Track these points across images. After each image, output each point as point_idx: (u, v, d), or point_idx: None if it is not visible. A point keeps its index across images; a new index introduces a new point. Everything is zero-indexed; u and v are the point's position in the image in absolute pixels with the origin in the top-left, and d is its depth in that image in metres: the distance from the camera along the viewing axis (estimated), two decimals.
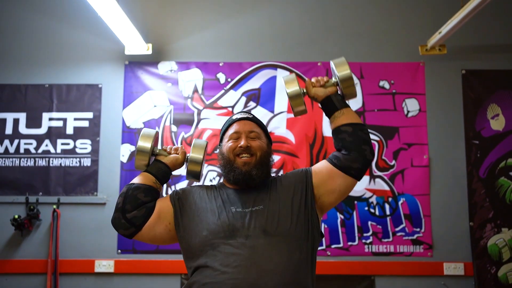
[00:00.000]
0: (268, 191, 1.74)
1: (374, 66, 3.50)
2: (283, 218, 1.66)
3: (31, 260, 3.32)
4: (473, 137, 3.42)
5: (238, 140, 1.78)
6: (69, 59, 3.55)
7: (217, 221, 1.66)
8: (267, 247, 1.59)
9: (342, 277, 3.30)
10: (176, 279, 3.31)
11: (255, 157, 1.76)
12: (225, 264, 1.57)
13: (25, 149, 3.45)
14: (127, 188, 1.73)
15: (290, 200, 1.71)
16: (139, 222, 1.69)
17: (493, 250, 3.31)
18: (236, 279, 1.55)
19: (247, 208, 1.69)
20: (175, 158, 1.82)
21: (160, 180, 1.78)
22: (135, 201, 1.69)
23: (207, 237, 1.64)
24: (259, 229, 1.62)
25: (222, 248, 1.60)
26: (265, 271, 1.55)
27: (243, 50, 3.57)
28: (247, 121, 1.84)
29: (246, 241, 1.60)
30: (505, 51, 3.52)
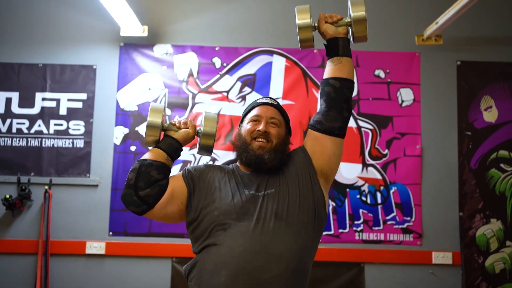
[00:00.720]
0: (279, 174, 1.75)
1: (370, 55, 3.50)
2: (292, 203, 1.67)
3: (22, 240, 3.32)
4: (466, 128, 3.44)
5: (257, 123, 1.78)
6: (64, 39, 3.51)
7: (230, 202, 1.65)
8: (277, 231, 1.60)
9: (332, 264, 3.33)
10: (167, 262, 3.32)
11: (271, 143, 1.75)
12: (233, 246, 1.57)
13: (18, 128, 3.42)
14: (140, 164, 1.68)
15: (297, 183, 1.72)
16: (151, 201, 1.66)
17: (481, 240, 3.36)
18: (241, 262, 1.55)
19: (260, 191, 1.69)
20: (185, 132, 1.77)
21: (171, 157, 1.74)
22: (148, 178, 1.66)
23: (219, 217, 1.63)
24: (271, 213, 1.63)
25: (232, 229, 1.60)
26: (273, 255, 1.56)
27: (239, 35, 3.55)
28: (271, 107, 1.83)
29: (257, 224, 1.60)
30: (500, 43, 3.54)
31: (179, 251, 3.31)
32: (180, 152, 1.79)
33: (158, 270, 3.32)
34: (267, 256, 1.56)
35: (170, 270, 3.31)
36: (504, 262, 3.34)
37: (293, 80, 3.47)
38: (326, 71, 1.78)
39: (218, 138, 3.41)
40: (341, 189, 3.39)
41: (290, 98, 3.46)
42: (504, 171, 3.42)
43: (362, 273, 3.34)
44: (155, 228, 3.33)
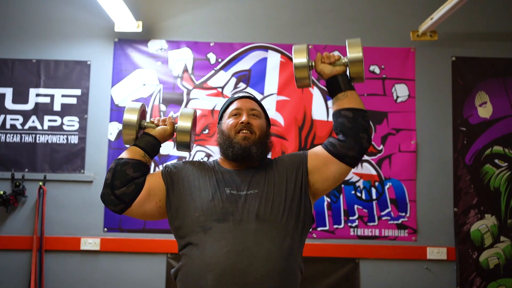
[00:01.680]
0: (264, 174, 1.72)
1: (365, 51, 3.41)
2: (276, 204, 1.64)
3: (16, 236, 3.31)
4: (461, 124, 3.45)
5: (239, 116, 1.77)
6: (58, 34, 3.50)
7: (210, 202, 1.64)
8: (259, 233, 1.58)
9: (327, 259, 3.34)
10: (162, 258, 3.32)
11: (254, 135, 1.74)
12: (216, 248, 1.56)
13: (11, 124, 3.41)
14: (116, 163, 1.69)
15: (284, 185, 1.69)
16: (128, 199, 1.66)
17: (476, 235, 3.37)
18: (226, 264, 1.53)
19: (242, 191, 1.67)
20: (163, 129, 1.78)
21: (149, 154, 1.75)
22: (124, 176, 1.67)
23: (199, 218, 1.62)
24: (252, 214, 1.61)
25: (213, 231, 1.59)
26: (256, 257, 1.54)
27: (234, 30, 3.54)
28: (249, 100, 1.83)
29: (238, 225, 1.58)
30: (495, 39, 3.54)
31: (174, 247, 3.25)
32: (158, 149, 1.79)
33: (153, 266, 3.32)
34: (250, 258, 1.54)
35: (165, 266, 3.31)
36: (498, 257, 3.35)
37: (288, 76, 3.46)
38: (334, 108, 1.75)
39: (212, 134, 3.40)
40: None
41: (285, 94, 3.45)
42: (499, 166, 3.43)
43: (357, 269, 3.35)
44: (150, 225, 3.33)
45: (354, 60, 1.72)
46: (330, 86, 1.75)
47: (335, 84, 1.74)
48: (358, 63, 1.72)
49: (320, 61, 1.76)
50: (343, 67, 1.75)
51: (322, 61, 1.76)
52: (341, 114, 1.70)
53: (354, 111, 1.69)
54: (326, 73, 1.75)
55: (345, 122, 1.68)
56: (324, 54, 1.77)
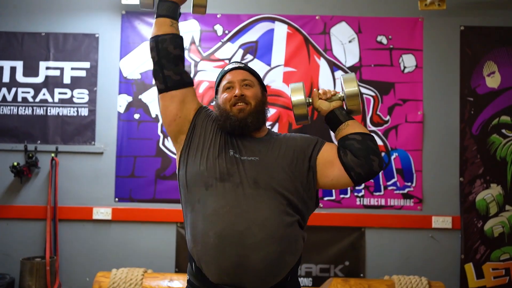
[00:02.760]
0: (268, 145, 1.75)
1: (372, 21, 3.48)
2: (276, 174, 1.67)
3: (30, 206, 3.41)
4: (468, 94, 3.44)
5: (232, 90, 1.79)
6: (66, 7, 3.51)
7: (215, 160, 1.68)
8: (257, 198, 1.61)
9: (333, 228, 3.40)
10: (172, 227, 3.40)
11: (249, 105, 1.76)
12: (216, 207, 1.61)
13: (23, 97, 3.47)
14: (155, 42, 1.78)
15: (289, 159, 1.71)
16: (170, 84, 1.76)
17: (481, 204, 3.40)
18: (225, 223, 1.58)
19: (243, 156, 1.70)
20: None
21: (174, 18, 1.83)
22: (168, 55, 1.76)
23: (203, 172, 1.67)
24: (250, 179, 1.64)
25: (214, 189, 1.64)
26: (253, 222, 1.58)
27: (241, 2, 3.53)
28: (240, 70, 1.84)
29: (237, 188, 1.62)
30: (504, 7, 3.49)
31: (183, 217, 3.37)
32: (179, 11, 1.87)
33: (164, 235, 3.41)
34: (248, 221, 1.58)
35: (175, 235, 3.39)
36: (503, 226, 3.39)
37: (295, 47, 3.46)
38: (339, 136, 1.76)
39: None
40: None
41: (292, 65, 3.46)
42: (506, 136, 3.43)
43: (363, 237, 3.41)
44: (159, 195, 3.40)
45: (350, 94, 1.76)
46: (330, 120, 1.79)
47: (334, 118, 1.77)
48: (354, 97, 1.76)
49: (317, 97, 1.80)
50: (339, 102, 1.79)
51: (319, 98, 1.80)
52: (349, 137, 1.71)
53: (362, 134, 1.71)
54: (324, 109, 1.79)
55: (355, 144, 1.69)
56: (321, 90, 1.81)
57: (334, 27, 3.48)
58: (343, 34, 3.48)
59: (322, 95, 1.80)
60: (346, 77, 1.80)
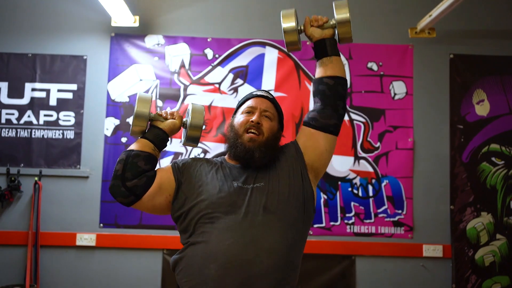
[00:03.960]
0: (269, 168, 1.73)
1: (363, 47, 3.49)
2: (282, 197, 1.65)
3: (11, 231, 3.30)
4: (458, 121, 3.45)
5: (251, 115, 1.76)
6: (54, 29, 3.47)
7: (218, 195, 1.64)
8: (266, 225, 1.59)
9: (323, 256, 3.34)
10: (158, 254, 3.31)
11: (262, 136, 1.73)
12: (222, 239, 1.56)
13: (7, 119, 3.38)
14: (126, 155, 1.68)
15: (287, 178, 1.70)
16: (139, 191, 1.65)
17: (472, 233, 3.37)
18: (231, 255, 1.54)
19: (249, 184, 1.67)
20: (172, 123, 1.77)
21: (158, 147, 1.74)
22: (136, 169, 1.65)
23: (206, 209, 1.62)
24: (260, 206, 1.61)
25: (220, 223, 1.59)
26: (262, 249, 1.55)
27: (231, 26, 3.52)
28: (266, 100, 1.82)
29: (245, 217, 1.59)
30: (493, 36, 3.53)
31: (170, 243, 3.30)
32: (166, 143, 1.78)
33: (149, 262, 3.31)
34: (256, 249, 1.55)
35: (161, 262, 3.30)
36: (493, 255, 3.36)
37: (286, 72, 3.45)
38: (318, 71, 1.79)
39: (209, 130, 3.39)
40: (333, 182, 3.39)
41: (283, 90, 3.44)
42: (496, 164, 3.43)
43: (353, 266, 3.35)
44: (146, 220, 3.32)
45: (341, 21, 1.76)
46: (317, 49, 1.79)
47: (322, 48, 1.78)
48: (345, 23, 1.76)
49: (310, 24, 1.81)
50: (331, 30, 1.80)
51: (311, 25, 1.80)
52: (323, 81, 1.76)
53: (335, 79, 1.75)
54: (315, 37, 1.79)
55: (326, 90, 1.75)
56: (313, 17, 1.81)
57: None
58: None
59: (314, 21, 1.80)
60: (338, 3, 1.79)
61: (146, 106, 1.74)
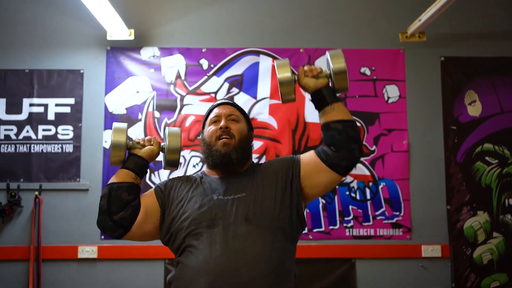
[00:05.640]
0: (252, 178, 1.73)
1: (355, 53, 3.55)
2: (266, 206, 1.65)
3: (13, 246, 3.30)
4: (451, 122, 3.50)
5: (218, 123, 1.78)
6: (50, 44, 3.50)
7: (199, 210, 1.65)
8: (250, 235, 1.59)
9: (323, 260, 3.36)
10: (160, 264, 3.33)
11: (234, 139, 1.74)
12: (208, 253, 1.57)
13: (6, 135, 3.41)
14: (109, 189, 1.68)
15: (273, 187, 1.70)
16: (127, 223, 1.66)
17: (469, 232, 3.42)
18: (218, 267, 1.54)
19: (229, 195, 1.68)
20: (150, 149, 1.78)
21: (139, 175, 1.75)
22: (120, 201, 1.66)
23: (190, 227, 1.63)
24: (241, 217, 1.62)
25: (204, 237, 1.60)
26: (247, 259, 1.55)
27: (226, 36, 3.57)
28: (227, 105, 1.84)
29: (228, 229, 1.60)
30: (483, 38, 3.60)
31: (171, 253, 3.28)
32: (146, 169, 1.79)
33: (151, 273, 3.32)
34: (242, 259, 1.55)
35: (163, 272, 3.31)
36: (491, 253, 3.40)
37: None
38: (323, 119, 1.73)
39: None
40: None
41: (278, 97, 3.43)
42: (489, 163, 3.48)
43: (354, 269, 3.38)
44: None
45: (337, 71, 1.70)
46: (316, 99, 1.74)
47: (321, 98, 1.72)
48: (342, 73, 1.70)
49: (304, 75, 1.74)
50: (326, 80, 1.74)
51: (306, 75, 1.74)
52: (331, 127, 1.69)
53: (343, 123, 1.69)
54: (310, 87, 1.73)
55: (335, 135, 1.67)
56: (307, 67, 1.75)
57: (319, 59, 3.53)
58: (327, 66, 3.52)
59: (309, 72, 1.73)
60: (332, 53, 1.73)
61: (122, 136, 1.75)
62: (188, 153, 3.41)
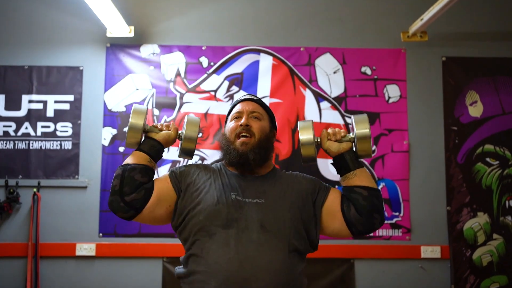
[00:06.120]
0: (273, 185, 1.71)
1: (356, 52, 3.53)
2: (282, 217, 1.63)
3: (11, 243, 3.30)
4: (452, 123, 3.48)
5: (239, 119, 1.75)
6: (50, 41, 3.49)
7: (215, 206, 1.62)
8: (263, 243, 1.57)
9: (322, 260, 3.35)
10: (158, 263, 3.32)
11: (254, 138, 1.71)
12: (219, 255, 1.55)
13: (4, 131, 3.40)
14: (122, 170, 1.65)
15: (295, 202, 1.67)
16: (138, 205, 1.64)
17: (469, 233, 3.40)
18: (229, 272, 1.53)
19: (248, 198, 1.65)
20: (167, 134, 1.75)
21: (154, 158, 1.72)
22: (133, 182, 1.63)
23: (204, 222, 1.61)
24: (257, 223, 1.59)
25: (217, 237, 1.58)
26: (258, 267, 1.53)
27: (226, 34, 3.56)
28: (251, 102, 1.81)
29: (242, 233, 1.57)
30: (485, 39, 3.58)
31: (169, 251, 3.31)
32: (162, 154, 1.77)
33: (149, 271, 3.32)
34: (253, 267, 1.53)
35: (161, 270, 3.31)
36: (491, 254, 3.38)
37: (280, 78, 3.48)
38: (345, 182, 1.70)
39: (206, 138, 3.41)
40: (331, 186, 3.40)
41: (278, 96, 3.47)
42: (490, 165, 3.46)
43: (352, 269, 3.36)
44: (145, 229, 3.33)
45: (361, 136, 1.68)
46: (338, 164, 1.72)
47: (343, 163, 1.70)
48: (365, 139, 1.68)
49: (326, 138, 1.72)
50: (349, 144, 1.71)
51: (329, 138, 1.72)
52: (355, 190, 1.66)
53: (368, 190, 1.65)
54: (333, 152, 1.71)
55: (360, 199, 1.64)
56: (330, 130, 1.73)
57: (319, 58, 3.51)
58: (327, 65, 3.51)
59: (332, 135, 1.72)
60: (357, 117, 1.71)
61: (140, 118, 1.73)
62: None
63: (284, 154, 3.41)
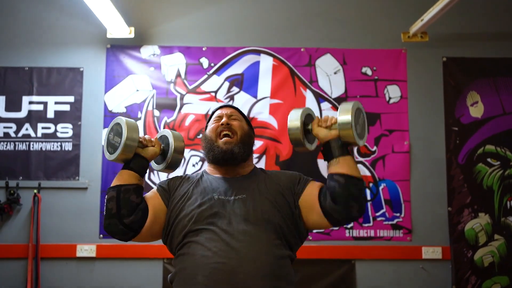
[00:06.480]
0: (254, 181, 1.75)
1: (356, 53, 3.52)
2: (265, 210, 1.66)
3: (11, 244, 3.30)
4: (453, 124, 3.47)
5: (220, 120, 1.83)
6: (50, 42, 3.49)
7: (198, 209, 1.66)
8: (248, 235, 1.60)
9: (323, 261, 3.34)
10: (159, 264, 3.32)
11: (236, 136, 1.78)
12: (206, 250, 1.58)
13: (5, 133, 3.40)
14: (117, 192, 1.65)
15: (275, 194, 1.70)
16: (137, 226, 1.65)
17: (470, 234, 3.39)
18: (217, 264, 1.55)
19: (230, 196, 1.69)
20: (153, 151, 1.77)
21: (142, 176, 1.74)
22: (130, 205, 1.64)
23: (189, 224, 1.64)
24: (241, 217, 1.63)
25: (203, 235, 1.61)
26: (245, 259, 1.56)
27: (226, 35, 3.55)
28: (229, 107, 1.90)
29: (227, 227, 1.60)
30: (485, 39, 3.57)
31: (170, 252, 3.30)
32: (147, 170, 1.78)
33: (150, 272, 3.31)
34: (239, 259, 1.55)
35: (162, 271, 3.30)
36: (492, 255, 3.38)
37: (281, 79, 3.48)
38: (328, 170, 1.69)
39: None
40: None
41: (278, 97, 3.46)
42: (491, 165, 3.45)
43: (353, 270, 3.36)
44: None
45: (342, 123, 1.66)
46: (324, 151, 1.72)
47: (328, 150, 1.69)
48: (346, 126, 1.65)
49: (317, 124, 1.73)
50: (337, 132, 1.69)
51: (319, 125, 1.72)
52: (333, 178, 1.64)
53: (346, 177, 1.62)
54: (321, 138, 1.71)
55: (336, 187, 1.62)
56: (324, 117, 1.73)
57: (319, 59, 3.51)
58: (328, 66, 3.51)
59: (322, 122, 1.72)
60: (342, 106, 1.70)
61: (136, 135, 1.71)
62: (188, 152, 3.39)
63: (284, 155, 3.41)
